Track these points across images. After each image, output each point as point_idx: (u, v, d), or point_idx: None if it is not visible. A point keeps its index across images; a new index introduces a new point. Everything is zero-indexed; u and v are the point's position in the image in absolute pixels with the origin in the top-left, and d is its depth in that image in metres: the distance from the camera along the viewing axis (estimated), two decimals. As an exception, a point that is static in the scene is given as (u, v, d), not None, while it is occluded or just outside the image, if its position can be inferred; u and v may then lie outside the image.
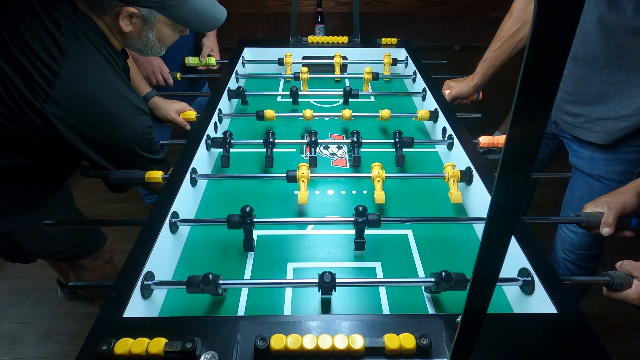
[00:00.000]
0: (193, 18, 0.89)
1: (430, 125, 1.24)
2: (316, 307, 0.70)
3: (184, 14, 0.87)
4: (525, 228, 0.73)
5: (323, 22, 2.19)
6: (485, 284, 0.37)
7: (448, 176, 0.91)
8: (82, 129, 0.82)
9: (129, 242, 0.68)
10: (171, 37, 0.95)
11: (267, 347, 0.50)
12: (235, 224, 0.76)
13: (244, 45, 1.60)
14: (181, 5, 0.86)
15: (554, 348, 0.53)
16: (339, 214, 0.92)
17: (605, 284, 0.66)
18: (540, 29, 0.24)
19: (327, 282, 0.62)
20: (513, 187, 0.31)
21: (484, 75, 1.35)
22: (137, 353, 0.50)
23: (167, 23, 0.89)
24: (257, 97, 1.39)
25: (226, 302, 0.71)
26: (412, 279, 0.73)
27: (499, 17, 1.36)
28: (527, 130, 0.28)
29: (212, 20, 0.93)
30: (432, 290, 0.66)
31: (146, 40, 0.90)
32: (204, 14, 0.91)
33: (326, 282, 0.62)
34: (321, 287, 0.63)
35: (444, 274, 0.64)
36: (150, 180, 0.89)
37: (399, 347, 0.51)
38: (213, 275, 0.63)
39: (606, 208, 0.75)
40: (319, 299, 0.71)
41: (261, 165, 1.08)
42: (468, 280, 0.64)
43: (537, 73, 0.25)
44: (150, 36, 0.90)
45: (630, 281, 0.64)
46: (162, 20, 0.88)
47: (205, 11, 0.91)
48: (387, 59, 1.46)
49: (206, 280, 0.62)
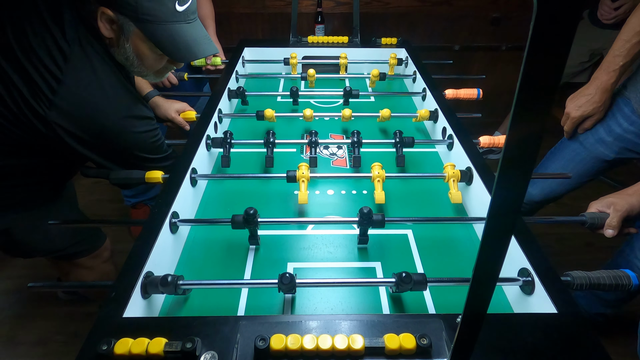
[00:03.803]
0: (167, 42, 0.83)
1: (430, 125, 1.24)
2: (316, 307, 0.70)
3: (158, 34, 0.82)
4: (525, 228, 0.73)
5: (323, 22, 2.19)
6: (485, 284, 0.37)
7: (448, 176, 0.91)
8: (84, 136, 0.82)
9: (129, 242, 0.68)
10: (152, 59, 0.88)
11: (267, 347, 0.50)
12: (239, 224, 0.76)
13: (244, 45, 1.60)
14: (157, 24, 0.81)
15: (554, 348, 0.53)
16: (339, 214, 0.92)
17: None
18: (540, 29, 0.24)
19: (286, 283, 0.63)
20: (513, 187, 0.31)
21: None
22: (137, 353, 0.50)
23: (143, 39, 0.84)
24: (257, 97, 1.39)
25: (226, 302, 0.71)
26: (372, 279, 0.74)
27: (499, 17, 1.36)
28: (527, 130, 0.28)
29: (187, 52, 0.86)
30: (394, 291, 0.66)
31: (124, 53, 0.85)
32: (180, 42, 0.84)
33: (285, 283, 0.63)
34: (281, 288, 0.63)
35: (404, 274, 0.64)
36: (150, 180, 0.89)
37: (399, 347, 0.51)
38: (172, 276, 0.64)
39: (612, 209, 0.74)
40: (318, 299, 0.71)
41: (261, 165, 1.08)
42: (430, 281, 0.64)
43: (537, 73, 0.25)
44: (127, 49, 0.85)
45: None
46: (137, 35, 0.83)
47: (184, 41, 0.85)
48: (392, 60, 1.46)
49: (164, 282, 0.63)
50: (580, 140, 1.26)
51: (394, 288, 0.65)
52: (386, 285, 0.71)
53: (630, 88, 1.15)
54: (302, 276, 0.76)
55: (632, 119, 1.13)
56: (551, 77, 0.25)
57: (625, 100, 1.16)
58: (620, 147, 1.19)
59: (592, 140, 1.23)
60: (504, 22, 2.33)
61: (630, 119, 1.14)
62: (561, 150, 1.33)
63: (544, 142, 0.30)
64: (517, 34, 2.37)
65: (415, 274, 0.64)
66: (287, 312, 0.69)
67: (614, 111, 1.19)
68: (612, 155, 1.21)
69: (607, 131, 1.20)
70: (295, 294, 0.72)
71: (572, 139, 1.29)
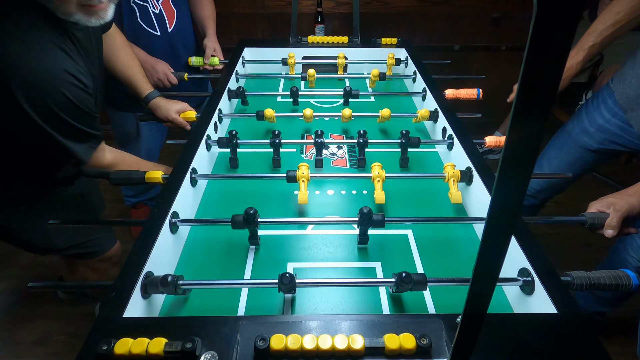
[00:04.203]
0: None
1: (430, 125, 1.24)
2: (316, 307, 0.70)
3: None
4: (525, 228, 0.73)
5: (323, 22, 2.19)
6: (485, 284, 0.37)
7: (448, 176, 0.91)
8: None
9: (129, 242, 0.68)
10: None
11: (267, 347, 0.50)
12: (239, 224, 0.76)
13: (244, 45, 1.60)
14: None
15: (554, 348, 0.53)
16: (339, 214, 0.92)
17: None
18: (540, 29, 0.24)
19: (286, 283, 0.63)
20: (513, 187, 0.31)
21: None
22: (137, 353, 0.50)
23: None
24: (257, 97, 1.39)
25: (226, 302, 0.71)
26: (372, 279, 0.74)
27: (499, 17, 1.36)
28: (527, 130, 0.28)
29: None
30: (394, 291, 0.66)
31: None
32: None
33: (285, 283, 0.63)
34: (281, 288, 0.63)
35: (404, 274, 0.64)
36: (150, 180, 0.89)
37: (399, 347, 0.51)
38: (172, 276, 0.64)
39: (611, 209, 0.74)
40: (318, 299, 0.71)
41: (263, 165, 1.08)
42: (430, 281, 0.64)
43: (537, 73, 0.25)
44: None
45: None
46: None
47: None
48: (390, 60, 1.46)
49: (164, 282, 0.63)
50: (567, 131, 1.31)
51: (394, 288, 0.65)
52: (386, 285, 0.71)
53: (616, 80, 1.17)
54: (302, 276, 0.76)
55: (614, 111, 1.16)
56: (551, 77, 0.25)
57: (610, 92, 1.19)
58: (603, 138, 1.22)
59: (577, 130, 1.28)
60: (504, 22, 2.33)
61: (613, 110, 1.17)
62: (555, 139, 1.38)
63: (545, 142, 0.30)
64: (517, 34, 2.37)
65: (415, 274, 0.64)
66: (287, 312, 0.69)
67: (599, 103, 1.22)
68: (596, 146, 1.24)
69: (590, 122, 1.24)
70: (295, 294, 0.72)
71: (562, 130, 1.35)
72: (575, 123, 1.29)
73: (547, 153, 1.38)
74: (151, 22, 1.40)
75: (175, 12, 1.46)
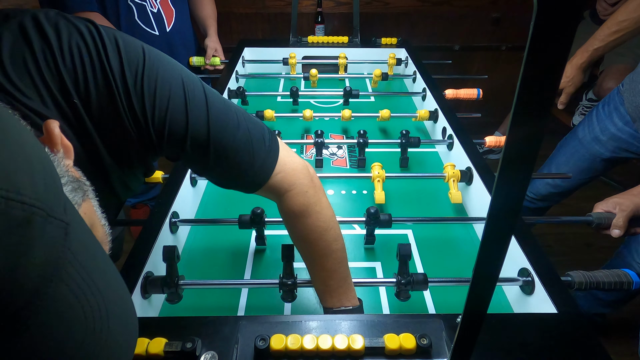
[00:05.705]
0: None
1: (430, 125, 1.24)
2: (316, 307, 0.70)
3: None
4: (525, 228, 0.73)
5: (323, 22, 2.19)
6: (485, 284, 0.37)
7: (448, 176, 0.91)
8: None
9: (129, 242, 0.68)
10: None
11: (267, 347, 0.50)
12: (246, 223, 0.76)
13: (244, 45, 1.60)
14: None
15: (554, 348, 0.53)
16: (339, 214, 0.91)
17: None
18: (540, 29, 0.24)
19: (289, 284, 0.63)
20: (513, 187, 0.31)
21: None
22: (137, 353, 0.50)
23: None
24: (257, 97, 1.39)
25: (226, 302, 0.71)
26: (372, 279, 0.74)
27: (499, 17, 1.35)
28: (527, 130, 0.28)
29: None
30: (401, 299, 0.66)
31: None
32: None
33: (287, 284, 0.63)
34: (282, 288, 0.64)
35: (404, 274, 0.64)
36: (150, 180, 0.89)
37: (399, 347, 0.51)
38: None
39: (617, 209, 0.74)
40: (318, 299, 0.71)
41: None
42: (430, 281, 0.64)
43: (537, 73, 0.25)
44: None
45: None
46: None
47: None
48: (391, 60, 1.46)
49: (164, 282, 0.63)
50: (579, 138, 1.28)
51: (399, 295, 0.65)
52: (386, 285, 0.71)
53: (626, 87, 1.15)
54: (303, 276, 0.76)
55: (627, 119, 1.14)
56: (551, 77, 0.25)
57: (621, 98, 1.17)
58: (615, 147, 1.19)
59: (589, 138, 1.24)
60: (504, 22, 2.33)
61: (625, 118, 1.15)
62: (564, 145, 1.34)
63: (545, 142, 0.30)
64: (517, 34, 2.37)
65: (416, 273, 0.64)
66: (287, 312, 0.69)
67: (611, 110, 1.20)
68: (608, 154, 1.22)
69: (602, 130, 1.21)
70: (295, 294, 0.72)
71: (572, 136, 1.31)
72: (587, 130, 1.25)
73: (557, 158, 1.35)
74: (149, 21, 1.39)
75: (174, 12, 1.45)
